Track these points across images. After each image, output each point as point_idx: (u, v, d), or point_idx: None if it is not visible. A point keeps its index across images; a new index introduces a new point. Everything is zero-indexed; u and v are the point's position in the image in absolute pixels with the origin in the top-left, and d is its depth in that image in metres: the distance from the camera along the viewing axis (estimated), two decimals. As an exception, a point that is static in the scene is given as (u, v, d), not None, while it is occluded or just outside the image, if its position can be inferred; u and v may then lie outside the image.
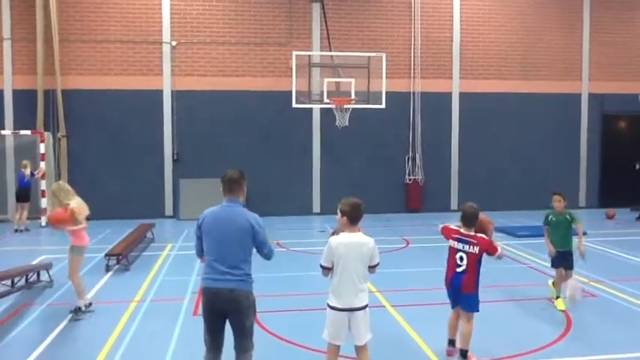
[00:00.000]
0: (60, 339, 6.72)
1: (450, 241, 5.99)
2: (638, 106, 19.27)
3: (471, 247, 5.81)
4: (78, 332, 6.97)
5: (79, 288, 7.59)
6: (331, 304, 4.90)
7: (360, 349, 4.99)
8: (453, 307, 6.11)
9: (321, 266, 4.96)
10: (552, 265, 8.04)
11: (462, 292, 5.85)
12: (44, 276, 9.15)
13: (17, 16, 16.36)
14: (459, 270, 5.87)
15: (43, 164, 15.39)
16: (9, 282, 8.16)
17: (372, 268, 5.02)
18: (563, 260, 7.82)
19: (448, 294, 6.09)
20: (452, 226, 6.07)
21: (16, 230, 14.46)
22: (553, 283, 8.12)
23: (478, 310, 5.95)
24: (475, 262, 5.84)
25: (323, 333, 4.97)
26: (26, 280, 8.64)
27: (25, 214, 14.70)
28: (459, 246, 5.91)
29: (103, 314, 7.63)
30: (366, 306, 4.92)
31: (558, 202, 7.92)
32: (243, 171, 5.00)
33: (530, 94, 18.54)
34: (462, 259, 5.86)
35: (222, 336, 4.88)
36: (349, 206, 4.91)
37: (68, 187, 7.91)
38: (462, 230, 5.95)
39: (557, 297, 7.83)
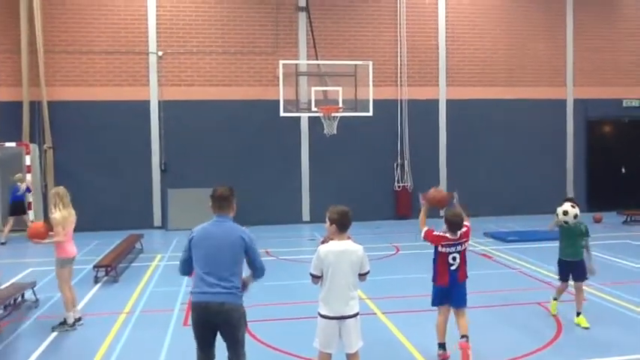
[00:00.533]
0: (48, 352, 6.64)
1: (439, 247, 6.08)
2: (622, 111, 19.51)
3: (461, 245, 6.08)
4: (67, 345, 6.89)
5: (67, 300, 7.48)
6: (322, 313, 4.88)
7: (351, 357, 4.97)
8: (439, 305, 6.18)
9: (311, 274, 4.95)
10: (560, 278, 7.61)
11: (459, 281, 6.08)
12: (28, 293, 8.87)
13: (1, 28, 16.27)
14: (452, 268, 6.05)
15: (29, 176, 15.25)
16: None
17: (362, 275, 5.00)
18: (571, 270, 7.41)
19: (439, 293, 6.15)
20: (435, 233, 6.13)
21: (3, 243, 14.32)
22: (555, 299, 7.76)
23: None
24: (465, 254, 6.14)
25: (314, 341, 4.95)
26: (13, 302, 8.33)
27: (9, 227, 14.56)
28: (451, 249, 6.05)
29: (92, 326, 7.56)
30: (357, 314, 4.90)
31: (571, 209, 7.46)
32: (232, 187, 5.00)
33: (516, 100, 18.69)
34: (454, 258, 6.05)
35: (213, 350, 4.88)
36: (337, 214, 4.89)
37: (66, 196, 7.88)
38: (449, 236, 6.06)
39: (579, 313, 7.31)
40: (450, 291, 6.09)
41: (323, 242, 5.05)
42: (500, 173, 18.48)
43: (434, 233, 6.15)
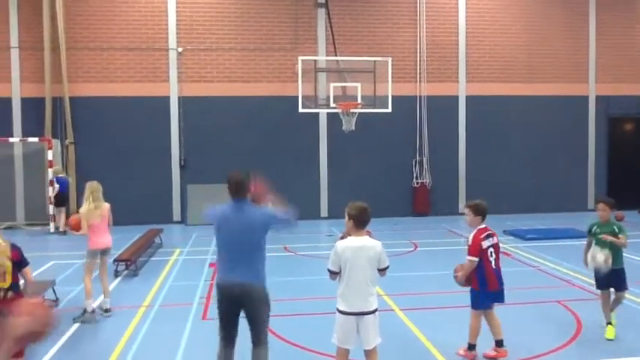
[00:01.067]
0: (68, 345, 6.74)
1: (482, 244, 5.89)
2: (645, 108, 19.23)
3: (494, 237, 6.00)
4: (87, 338, 6.99)
5: (86, 290, 7.67)
6: (340, 309, 4.88)
7: (369, 353, 4.98)
8: (488, 308, 6.00)
9: (329, 270, 4.96)
10: (598, 287, 6.82)
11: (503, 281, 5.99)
12: (49, 292, 8.55)
13: (24, 25, 16.49)
14: (494, 266, 5.92)
15: (51, 171, 15.48)
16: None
17: (381, 271, 4.99)
18: (610, 280, 6.62)
19: (490, 297, 5.94)
20: (471, 238, 5.93)
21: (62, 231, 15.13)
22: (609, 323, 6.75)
23: None
24: (499, 251, 6.04)
25: (332, 337, 4.96)
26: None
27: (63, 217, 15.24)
28: (487, 242, 5.93)
29: (112, 319, 7.66)
30: (375, 310, 4.90)
31: (602, 211, 6.65)
32: (247, 171, 5.06)
33: (537, 97, 18.50)
34: (491, 254, 5.93)
35: (236, 330, 5.01)
36: (356, 210, 4.91)
37: (97, 191, 8.31)
38: (483, 227, 5.98)
39: (608, 323, 6.67)
40: (499, 291, 5.98)
41: (342, 238, 5.06)
42: (520, 170, 18.33)
43: (474, 238, 5.92)
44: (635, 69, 19.15)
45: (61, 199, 15.51)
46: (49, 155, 15.52)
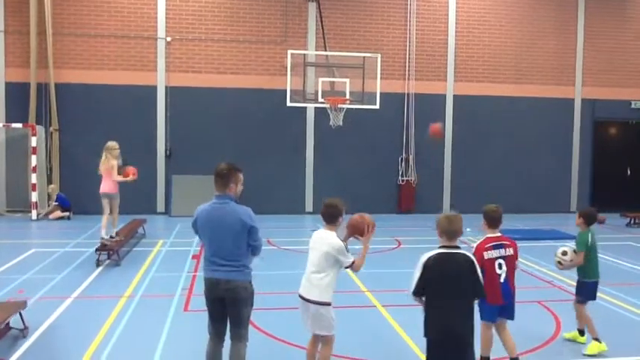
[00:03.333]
0: (49, 333, 6.68)
1: (485, 254, 5.45)
2: (629, 113, 19.42)
3: (507, 249, 5.54)
4: (67, 326, 6.93)
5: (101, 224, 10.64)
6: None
7: (319, 340, 5.20)
8: (494, 322, 5.60)
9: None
10: (587, 299, 6.53)
11: (513, 296, 5.56)
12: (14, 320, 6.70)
13: (11, 9, 16.25)
14: (501, 280, 5.46)
15: (34, 158, 15.30)
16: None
17: (347, 268, 5.17)
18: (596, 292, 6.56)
19: (494, 311, 5.52)
20: (475, 246, 5.52)
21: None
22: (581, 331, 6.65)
23: None
24: (513, 264, 5.57)
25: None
26: None
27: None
28: (495, 253, 5.47)
29: (92, 309, 7.60)
30: (317, 302, 5.03)
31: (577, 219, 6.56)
32: (234, 164, 5.01)
33: (523, 98, 18.62)
34: (500, 266, 5.46)
35: (225, 324, 5.01)
36: (323, 206, 5.24)
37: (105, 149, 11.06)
38: (491, 236, 5.57)
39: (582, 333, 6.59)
40: (506, 305, 5.54)
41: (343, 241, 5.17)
42: (505, 171, 18.45)
43: (478, 245, 5.52)
44: (621, 74, 19.33)
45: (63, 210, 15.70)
46: (33, 142, 15.33)
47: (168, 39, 16.88)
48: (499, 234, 5.61)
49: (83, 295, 8.28)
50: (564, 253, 6.47)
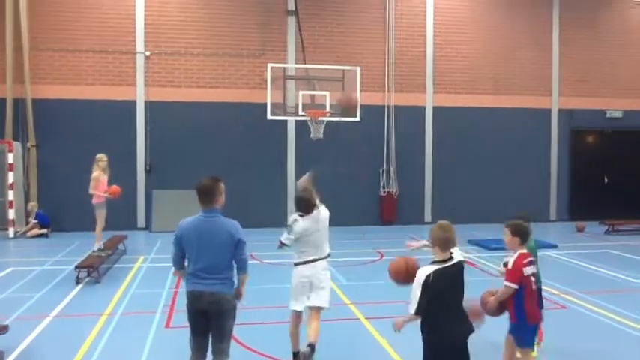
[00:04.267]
0: (27, 352, 6.55)
1: (524, 270, 5.15)
2: (605, 122, 19.75)
3: (534, 266, 5.34)
4: (46, 346, 6.80)
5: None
6: None
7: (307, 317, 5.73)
8: (532, 346, 5.37)
9: None
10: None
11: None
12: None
13: (-13, 24, 16.07)
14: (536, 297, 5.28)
15: (11, 175, 15.08)
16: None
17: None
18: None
19: (530, 331, 5.30)
20: (512, 262, 5.18)
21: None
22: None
23: None
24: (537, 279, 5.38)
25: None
26: None
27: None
28: (530, 269, 5.22)
29: (72, 327, 7.48)
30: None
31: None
32: (217, 178, 5.03)
33: (502, 109, 18.84)
34: (533, 283, 5.27)
35: (207, 339, 4.97)
36: (300, 199, 6.24)
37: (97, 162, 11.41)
38: (523, 252, 5.25)
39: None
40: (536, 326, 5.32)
41: None
42: (485, 181, 18.60)
43: (515, 263, 5.16)
44: (597, 83, 19.67)
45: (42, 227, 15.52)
46: (10, 158, 15.10)
47: (147, 53, 16.82)
48: (526, 250, 5.32)
49: (62, 313, 8.14)
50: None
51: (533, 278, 5.25)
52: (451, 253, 4.54)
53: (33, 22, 16.22)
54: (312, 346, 5.71)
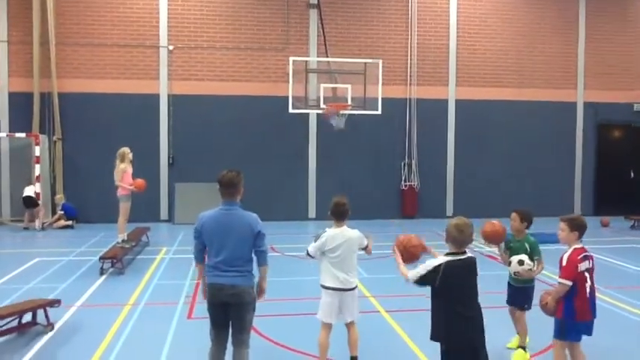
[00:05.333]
0: (53, 341, 6.69)
1: (579, 266, 5.07)
2: (632, 116, 19.39)
3: (591, 261, 5.19)
4: (71, 335, 6.94)
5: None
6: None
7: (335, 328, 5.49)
8: (579, 341, 5.26)
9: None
10: (507, 301, 6.55)
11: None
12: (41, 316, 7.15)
13: (14, 19, 16.34)
14: (588, 294, 5.11)
15: (37, 167, 15.36)
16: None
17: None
18: (516, 298, 6.40)
19: (578, 329, 5.18)
20: (567, 258, 5.13)
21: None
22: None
23: None
24: (593, 277, 5.21)
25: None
26: (19, 322, 6.90)
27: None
28: (585, 265, 5.11)
29: (96, 317, 7.61)
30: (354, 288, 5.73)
31: (513, 221, 6.38)
32: (239, 171, 5.06)
33: (526, 102, 18.61)
34: (587, 279, 5.13)
35: (227, 331, 5.02)
36: (334, 205, 5.71)
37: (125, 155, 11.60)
38: (578, 247, 5.17)
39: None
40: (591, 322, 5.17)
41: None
42: (508, 175, 18.42)
43: (572, 258, 5.04)
44: (623, 76, 19.32)
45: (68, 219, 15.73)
46: (37, 151, 15.39)
47: (171, 47, 16.96)
48: (582, 244, 5.23)
49: (87, 303, 8.30)
50: (521, 263, 6.05)
51: (587, 274, 5.10)
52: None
53: (59, 17, 16.45)
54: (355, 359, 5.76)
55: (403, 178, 18.08)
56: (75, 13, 16.63)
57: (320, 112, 15.79)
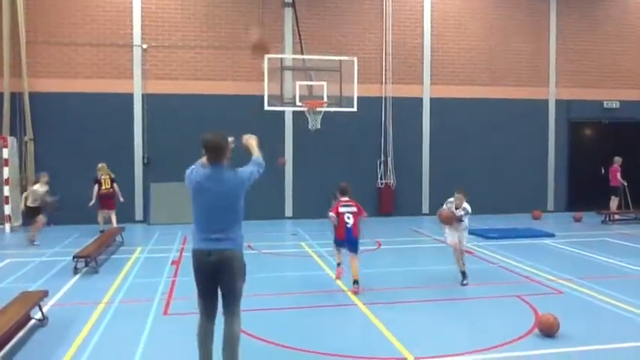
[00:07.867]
0: (24, 341, 6.56)
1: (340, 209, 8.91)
2: (602, 113, 19.75)
3: (351, 207, 9.55)
4: (43, 334, 6.81)
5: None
6: None
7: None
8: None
9: None
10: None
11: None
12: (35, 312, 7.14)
13: (-17, 18, 16.02)
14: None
15: (6, 170, 15.03)
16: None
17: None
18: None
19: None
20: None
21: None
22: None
23: None
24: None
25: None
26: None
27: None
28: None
29: (70, 316, 7.47)
30: None
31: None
32: (222, 132, 4.99)
33: (499, 100, 18.84)
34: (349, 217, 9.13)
35: (216, 300, 4.83)
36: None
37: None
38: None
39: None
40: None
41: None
42: (483, 171, 18.60)
43: None
44: (594, 74, 19.67)
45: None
46: (4, 154, 15.00)
47: (144, 46, 16.79)
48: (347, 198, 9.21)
49: (60, 302, 8.16)
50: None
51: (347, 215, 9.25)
52: None
53: (30, 16, 16.17)
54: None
55: (379, 176, 18.15)
56: (46, 12, 16.35)
57: (296, 109, 15.78)
